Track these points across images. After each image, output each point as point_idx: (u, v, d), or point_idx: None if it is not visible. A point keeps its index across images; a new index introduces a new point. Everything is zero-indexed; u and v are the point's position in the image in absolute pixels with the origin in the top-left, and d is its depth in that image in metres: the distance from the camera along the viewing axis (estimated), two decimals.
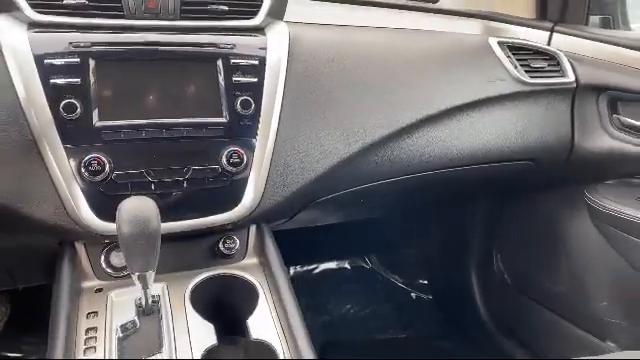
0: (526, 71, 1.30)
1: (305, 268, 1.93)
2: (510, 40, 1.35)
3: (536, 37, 1.44)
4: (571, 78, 1.33)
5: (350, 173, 1.13)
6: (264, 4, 1.06)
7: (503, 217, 1.75)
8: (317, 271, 2.03)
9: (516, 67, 1.29)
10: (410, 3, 1.47)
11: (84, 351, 0.80)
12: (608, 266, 1.40)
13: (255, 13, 1.05)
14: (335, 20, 1.27)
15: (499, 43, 1.32)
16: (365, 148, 1.10)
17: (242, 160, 0.97)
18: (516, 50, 1.34)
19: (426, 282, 2.06)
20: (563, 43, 1.41)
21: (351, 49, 1.17)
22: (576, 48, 1.38)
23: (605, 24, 1.50)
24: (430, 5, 1.49)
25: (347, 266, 2.10)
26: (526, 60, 1.32)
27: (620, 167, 1.38)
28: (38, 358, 1.60)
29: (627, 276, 1.35)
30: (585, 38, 1.38)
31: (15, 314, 1.58)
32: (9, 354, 1.60)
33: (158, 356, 0.80)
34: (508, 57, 1.30)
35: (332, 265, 2.09)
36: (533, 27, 1.47)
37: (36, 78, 0.88)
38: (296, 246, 1.07)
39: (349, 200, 1.26)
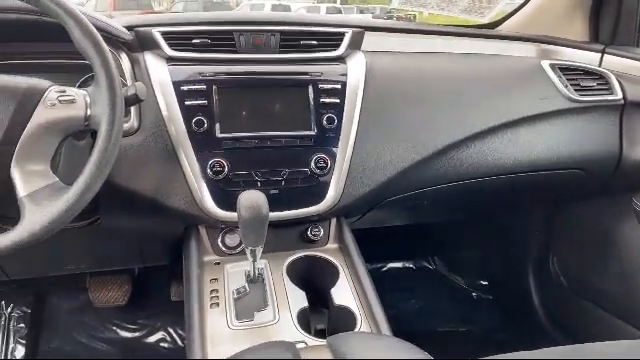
0: (576, 90, 1.44)
1: (373, 266, 2.12)
2: (561, 62, 1.50)
3: (588, 59, 1.56)
4: (619, 95, 1.45)
5: (415, 177, 1.31)
6: (345, 38, 1.29)
7: (557, 222, 1.85)
8: (384, 269, 2.21)
9: (566, 86, 1.43)
10: (471, 31, 1.63)
11: (210, 305, 1.05)
12: None
13: (338, 45, 1.28)
14: (404, 48, 1.46)
15: (551, 65, 1.47)
16: (429, 156, 1.29)
17: (326, 165, 1.19)
18: (567, 71, 1.48)
19: (486, 283, 2.19)
20: (613, 64, 1.52)
21: (418, 72, 1.37)
22: (625, 68, 1.50)
23: None
24: (490, 32, 1.66)
25: (412, 266, 2.27)
26: (576, 80, 1.46)
27: None
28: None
29: None
30: (634, 59, 1.49)
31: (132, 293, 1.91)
32: (128, 325, 1.93)
33: (264, 312, 1.04)
34: (559, 77, 1.45)
35: (398, 265, 2.26)
36: (585, 49, 1.58)
37: (174, 100, 1.14)
38: (366, 245, 1.27)
39: (414, 202, 1.45)
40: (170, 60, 1.19)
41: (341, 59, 1.29)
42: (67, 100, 0.86)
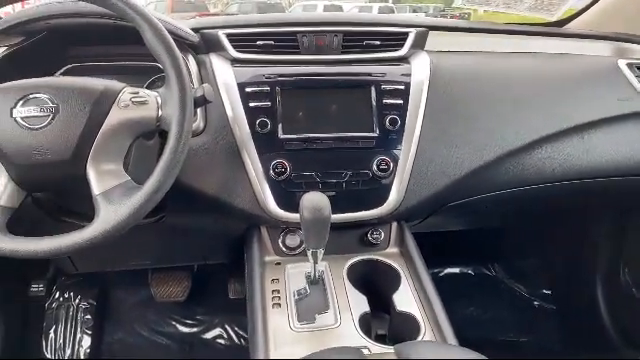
0: None
1: (430, 271, 2.09)
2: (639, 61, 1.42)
3: None
4: None
5: (479, 181, 1.27)
6: (409, 38, 1.27)
7: (630, 230, 1.75)
8: (442, 274, 2.17)
9: None
10: (540, 29, 1.57)
11: (272, 306, 1.05)
12: None
13: (401, 45, 1.26)
14: (469, 47, 1.42)
15: (629, 65, 1.39)
16: (495, 160, 1.24)
17: (389, 167, 1.17)
18: None
19: (549, 292, 2.09)
20: None
21: (484, 73, 1.32)
22: None
23: None
24: (560, 30, 1.59)
25: (470, 272, 2.20)
26: None
27: None
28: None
29: None
30: None
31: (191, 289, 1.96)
32: (187, 321, 1.98)
33: (325, 314, 1.03)
34: (638, 77, 1.37)
35: (455, 270, 2.20)
36: None
37: (239, 102, 1.16)
38: (423, 249, 1.24)
39: (477, 207, 1.40)
40: (235, 62, 1.21)
41: (405, 59, 1.27)
42: (140, 101, 0.89)
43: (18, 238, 0.83)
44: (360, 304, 1.06)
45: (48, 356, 1.84)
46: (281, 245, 1.21)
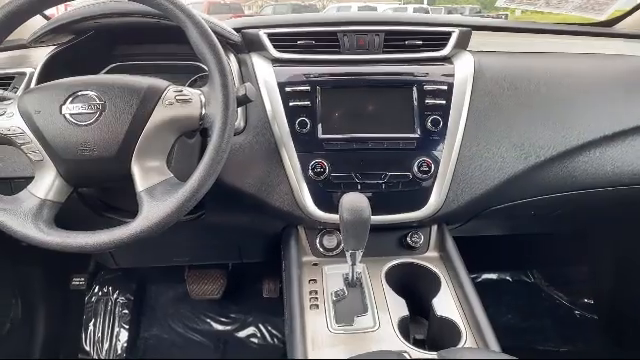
0: None
1: None
2: None
3: None
4: None
5: (524, 185, 1.23)
6: (452, 37, 1.24)
7: None
8: (479, 280, 2.12)
9: None
10: (588, 29, 1.51)
11: (309, 307, 1.04)
12: None
13: (444, 45, 1.24)
14: (513, 48, 1.39)
15: None
16: (540, 164, 1.21)
17: (430, 169, 1.15)
18: None
19: (592, 302, 2.01)
20: None
21: (529, 73, 1.27)
22: None
23: None
24: (610, 30, 1.53)
25: (508, 278, 2.15)
26: None
27: None
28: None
29: None
30: None
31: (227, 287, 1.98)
32: (221, 318, 1.99)
33: (364, 317, 1.01)
34: None
35: (492, 276, 2.15)
36: None
37: (279, 101, 1.16)
38: (461, 253, 1.21)
39: (519, 211, 1.36)
40: (275, 61, 1.21)
41: (447, 59, 1.24)
42: (184, 99, 0.90)
43: (65, 232, 0.85)
44: (399, 308, 1.04)
45: (87, 348, 1.89)
46: (318, 246, 1.21)
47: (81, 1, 1.22)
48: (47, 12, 1.29)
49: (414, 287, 1.14)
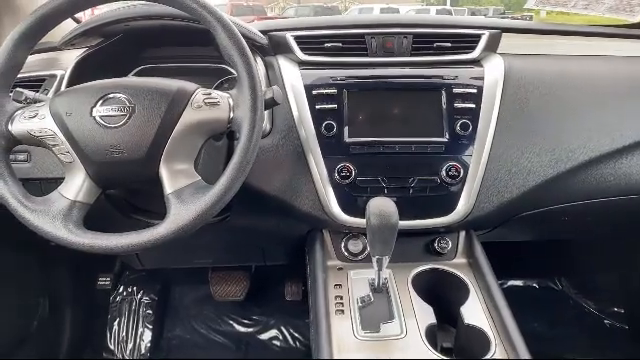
0: None
1: None
2: None
3: None
4: None
5: (554, 192, 1.20)
6: (481, 40, 1.22)
7: None
8: (505, 287, 2.08)
9: None
10: (622, 31, 1.47)
11: (335, 312, 1.03)
12: None
13: (473, 48, 1.22)
14: (543, 50, 1.36)
15: None
16: (571, 169, 1.18)
17: (458, 174, 1.13)
18: None
19: (622, 311, 1.96)
20: None
21: (561, 77, 1.25)
22: None
23: None
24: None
25: (535, 285, 2.10)
26: None
27: None
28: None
29: None
30: None
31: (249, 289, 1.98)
32: (244, 320, 2.00)
33: (390, 324, 1.00)
34: None
35: (519, 282, 2.11)
36: None
37: (305, 104, 1.15)
38: (488, 259, 1.19)
39: (549, 218, 1.32)
40: (302, 64, 1.21)
41: (477, 62, 1.22)
42: (212, 102, 0.89)
43: (94, 233, 0.85)
44: (426, 315, 1.02)
45: (111, 347, 1.91)
46: (344, 250, 1.19)
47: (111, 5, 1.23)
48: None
49: (441, 294, 1.12)
